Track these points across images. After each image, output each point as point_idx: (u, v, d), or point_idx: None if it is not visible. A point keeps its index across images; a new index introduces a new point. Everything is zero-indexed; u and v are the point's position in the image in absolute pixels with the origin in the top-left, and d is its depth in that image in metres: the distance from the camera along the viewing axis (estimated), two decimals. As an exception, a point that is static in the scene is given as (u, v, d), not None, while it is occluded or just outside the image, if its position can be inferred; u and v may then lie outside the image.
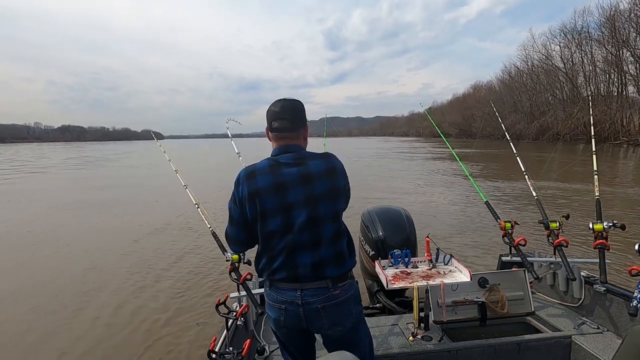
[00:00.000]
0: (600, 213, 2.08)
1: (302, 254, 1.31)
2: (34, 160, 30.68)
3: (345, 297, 1.34)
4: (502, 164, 19.02)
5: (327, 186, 1.31)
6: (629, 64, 33.77)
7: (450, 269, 1.97)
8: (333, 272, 1.32)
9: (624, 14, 32.81)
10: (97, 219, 8.08)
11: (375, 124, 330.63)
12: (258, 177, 1.32)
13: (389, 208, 2.78)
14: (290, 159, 1.33)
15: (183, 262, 5.20)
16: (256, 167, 1.35)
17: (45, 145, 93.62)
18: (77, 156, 36.85)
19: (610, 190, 9.86)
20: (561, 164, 15.45)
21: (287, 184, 1.29)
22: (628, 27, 32.60)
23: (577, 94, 41.05)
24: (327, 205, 1.31)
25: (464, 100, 75.74)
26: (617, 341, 1.84)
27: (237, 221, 1.39)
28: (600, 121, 33.66)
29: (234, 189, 1.37)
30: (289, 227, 1.30)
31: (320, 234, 1.31)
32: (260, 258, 1.38)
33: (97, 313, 3.78)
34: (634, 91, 33.53)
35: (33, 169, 21.57)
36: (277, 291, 1.35)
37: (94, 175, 18.62)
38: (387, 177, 14.97)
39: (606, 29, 35.27)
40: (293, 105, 1.38)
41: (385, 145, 52.96)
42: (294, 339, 1.45)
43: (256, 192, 1.30)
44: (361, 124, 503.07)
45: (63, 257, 5.59)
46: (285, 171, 1.31)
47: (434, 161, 22.09)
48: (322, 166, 1.33)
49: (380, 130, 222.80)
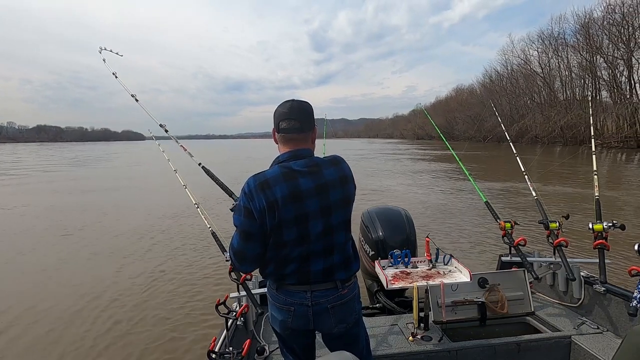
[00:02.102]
0: (600, 213, 2.10)
1: (315, 261, 1.30)
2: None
3: (351, 296, 1.37)
4: (486, 165, 19.52)
5: (340, 195, 1.29)
6: (602, 70, 35.22)
7: (450, 269, 1.98)
8: (342, 276, 1.34)
9: (598, 21, 34.26)
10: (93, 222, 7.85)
11: (360, 125, 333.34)
12: (274, 188, 1.23)
13: (388, 208, 2.78)
14: (304, 166, 1.28)
15: (183, 262, 5.17)
16: (267, 175, 1.26)
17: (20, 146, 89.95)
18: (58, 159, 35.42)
19: (588, 193, 10.22)
20: (543, 165, 15.99)
21: (303, 194, 1.25)
22: (601, 35, 34.01)
23: (554, 98, 42.53)
24: (340, 214, 1.31)
25: (446, 103, 77.18)
26: (616, 341, 1.85)
27: (255, 235, 1.27)
28: (576, 125, 34.98)
29: (245, 201, 1.27)
30: (304, 237, 1.27)
31: (334, 242, 1.31)
32: (268, 264, 1.33)
33: (94, 313, 3.73)
34: (607, 96, 35.00)
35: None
36: (287, 293, 1.33)
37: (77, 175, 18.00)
38: (381, 176, 15.15)
39: (581, 36, 36.74)
40: (302, 106, 1.34)
41: (371, 147, 53.48)
42: (297, 340, 1.45)
43: (275, 203, 1.23)
44: (346, 125, 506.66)
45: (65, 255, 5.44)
46: (301, 181, 1.25)
47: (425, 162, 22.44)
48: (336, 175, 1.30)
49: (364, 132, 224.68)
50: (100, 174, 19.23)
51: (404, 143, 68.73)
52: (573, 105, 37.90)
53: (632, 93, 31.85)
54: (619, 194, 9.58)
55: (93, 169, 22.69)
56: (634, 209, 7.89)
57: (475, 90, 65.27)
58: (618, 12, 31.37)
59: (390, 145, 59.26)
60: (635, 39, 30.58)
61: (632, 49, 30.78)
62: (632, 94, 31.82)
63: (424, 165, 20.17)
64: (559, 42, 40.98)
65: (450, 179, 13.96)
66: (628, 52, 31.10)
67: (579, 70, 38.80)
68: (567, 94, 41.38)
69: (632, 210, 7.79)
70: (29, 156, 38.16)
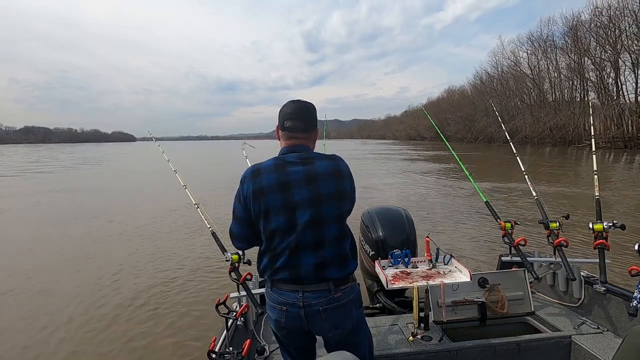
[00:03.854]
0: (600, 213, 2.10)
1: (305, 254, 1.31)
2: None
3: (346, 300, 1.35)
4: (477, 165, 19.72)
5: (332, 187, 1.31)
6: (589, 72, 35.90)
7: (450, 269, 1.96)
8: (335, 274, 1.32)
9: (585, 24, 34.94)
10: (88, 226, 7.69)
11: (352, 126, 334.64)
12: (263, 176, 1.32)
13: (388, 208, 2.78)
14: (297, 158, 1.34)
15: (182, 262, 5.16)
16: (262, 165, 1.36)
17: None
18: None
19: (578, 191, 10.37)
20: (534, 165, 16.20)
21: (292, 183, 1.29)
22: (589, 37, 34.68)
23: (543, 99, 43.22)
24: (331, 207, 1.31)
25: (438, 105, 77.79)
26: (616, 341, 1.85)
27: (240, 218, 1.39)
28: (565, 125, 35.56)
29: (240, 187, 1.38)
30: (292, 226, 1.29)
31: (324, 235, 1.31)
32: (262, 257, 1.38)
33: (93, 313, 3.72)
34: (595, 97, 35.64)
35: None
36: (279, 292, 1.34)
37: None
38: (379, 177, 15.27)
39: (569, 38, 37.44)
40: (306, 106, 1.41)
41: (365, 147, 53.77)
42: (295, 340, 1.45)
43: (260, 191, 1.31)
44: (339, 126, 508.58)
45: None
46: (291, 170, 1.31)
47: (422, 162, 22.66)
48: (329, 167, 1.33)
49: (357, 133, 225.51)
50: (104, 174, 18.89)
51: (396, 144, 69.17)
52: (562, 106, 38.54)
53: (618, 94, 32.52)
54: (609, 194, 9.73)
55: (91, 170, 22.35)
56: (626, 209, 7.99)
57: (467, 92, 66.02)
58: (605, 15, 32.06)
59: (383, 146, 59.55)
60: (621, 41, 31.23)
61: (619, 51, 31.43)
62: (618, 95, 32.50)
63: (421, 165, 20.37)
64: (548, 44, 41.81)
65: (448, 178, 14.10)
66: (615, 55, 31.76)
67: (568, 72, 39.53)
68: (556, 95, 42.12)
69: (624, 210, 7.88)
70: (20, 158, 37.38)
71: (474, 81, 61.21)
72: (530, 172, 2.72)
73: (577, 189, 10.66)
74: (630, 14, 29.49)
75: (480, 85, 57.96)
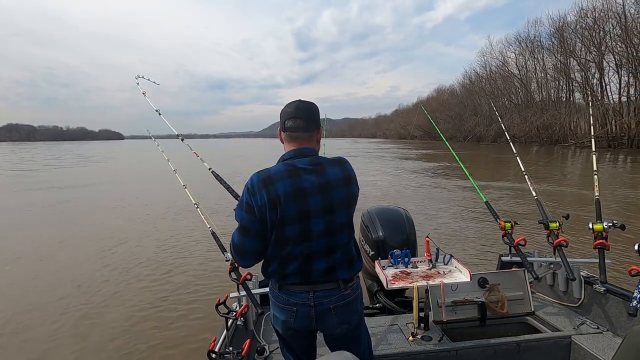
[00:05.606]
0: (600, 213, 2.10)
1: (317, 261, 1.30)
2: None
3: (354, 297, 1.37)
4: (468, 164, 19.85)
5: (343, 195, 1.30)
6: (575, 72, 36.65)
7: (450, 269, 1.96)
8: (345, 275, 1.34)
9: (571, 25, 35.65)
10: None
11: (343, 125, 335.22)
12: (277, 184, 1.25)
13: (388, 208, 2.78)
14: (308, 164, 1.29)
15: (182, 261, 5.14)
16: (271, 172, 1.28)
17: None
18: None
19: (564, 190, 10.57)
20: (526, 164, 16.38)
21: (306, 192, 1.26)
22: (574, 38, 35.42)
23: (530, 99, 43.95)
24: (343, 214, 1.31)
25: (428, 104, 78.39)
26: (616, 341, 1.85)
27: (254, 231, 1.29)
28: (551, 125, 36.24)
29: (247, 196, 1.29)
30: (306, 235, 1.27)
31: (336, 242, 1.31)
32: (270, 263, 1.34)
33: (93, 313, 3.71)
34: (580, 97, 36.43)
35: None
36: (288, 294, 1.33)
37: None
38: (377, 175, 15.32)
39: (555, 39, 38.15)
40: (307, 106, 1.37)
41: (356, 146, 53.84)
42: (300, 339, 1.44)
43: (277, 199, 1.24)
44: (330, 125, 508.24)
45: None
46: (305, 178, 1.26)
47: (415, 161, 22.73)
48: (340, 174, 1.31)
49: (348, 132, 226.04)
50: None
51: (387, 143, 69.55)
52: (548, 106, 39.24)
53: (603, 95, 33.29)
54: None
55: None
56: (618, 208, 8.09)
57: (456, 91, 66.73)
58: (590, 17, 32.76)
59: (374, 144, 59.76)
60: (606, 42, 31.97)
61: (603, 52, 32.17)
62: (603, 95, 33.26)
63: (418, 164, 20.47)
64: (535, 44, 42.51)
65: (447, 178, 14.16)
66: (599, 56, 32.49)
67: (554, 72, 40.29)
68: (542, 95, 42.87)
69: (616, 209, 7.99)
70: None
71: (463, 81, 61.98)
72: (520, 172, 2.73)
73: (565, 188, 10.85)
74: (614, 16, 30.22)
75: (469, 84, 58.66)
